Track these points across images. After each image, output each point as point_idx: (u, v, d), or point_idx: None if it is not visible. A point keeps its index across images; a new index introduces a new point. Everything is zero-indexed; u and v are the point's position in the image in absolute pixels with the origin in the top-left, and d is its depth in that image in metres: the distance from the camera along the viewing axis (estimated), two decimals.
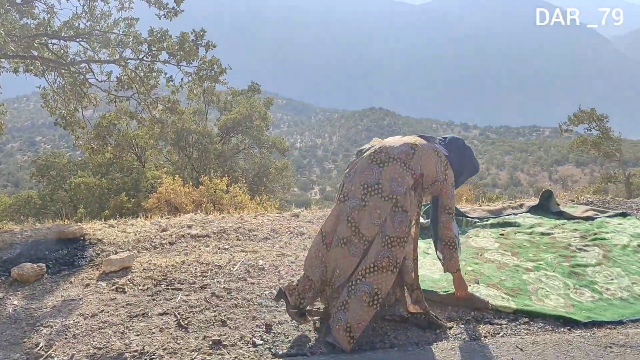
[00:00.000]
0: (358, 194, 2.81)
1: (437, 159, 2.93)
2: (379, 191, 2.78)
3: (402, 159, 2.84)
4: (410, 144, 2.91)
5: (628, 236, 3.98)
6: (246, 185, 13.05)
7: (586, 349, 2.63)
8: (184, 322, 2.92)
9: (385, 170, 2.81)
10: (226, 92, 20.63)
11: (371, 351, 2.65)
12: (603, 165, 34.16)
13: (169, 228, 4.25)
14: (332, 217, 2.91)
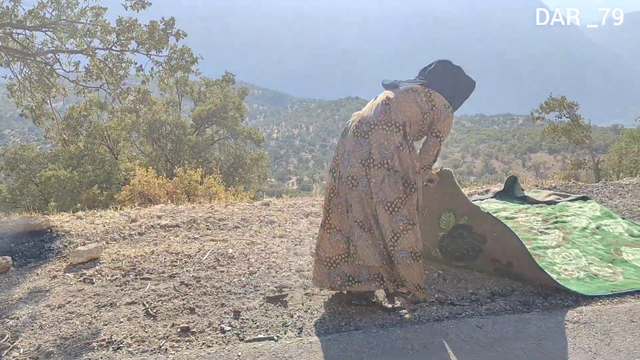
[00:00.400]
0: (361, 172, 2.87)
1: (414, 95, 2.93)
2: (373, 162, 2.85)
3: (382, 120, 2.88)
4: (383, 101, 2.94)
5: (587, 219, 4.12)
6: (221, 176, 12.98)
7: (542, 327, 2.73)
8: (153, 310, 2.94)
9: (371, 140, 2.87)
10: (200, 83, 20.43)
11: (337, 333, 2.70)
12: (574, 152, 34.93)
13: (139, 219, 4.24)
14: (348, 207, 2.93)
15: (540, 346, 2.57)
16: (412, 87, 2.98)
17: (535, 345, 2.58)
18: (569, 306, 2.98)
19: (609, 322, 2.78)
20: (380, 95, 3.03)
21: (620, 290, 3.10)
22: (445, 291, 3.17)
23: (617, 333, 2.67)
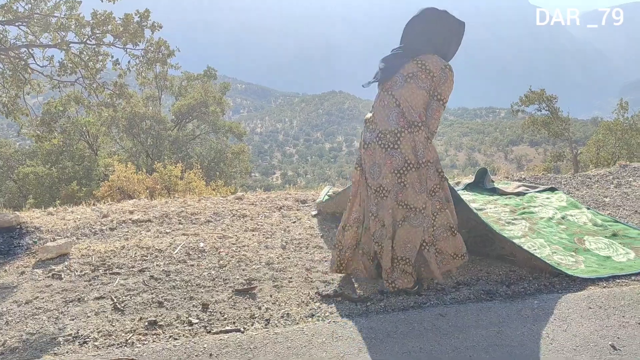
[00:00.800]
0: (394, 180, 2.99)
1: (415, 82, 2.96)
2: (411, 166, 2.98)
3: (403, 125, 2.97)
4: (394, 105, 2.99)
5: (553, 209, 4.21)
6: (201, 171, 12.93)
7: (503, 314, 2.80)
8: (120, 305, 2.95)
9: (402, 148, 2.97)
10: (180, 77, 20.28)
11: (303, 324, 2.74)
12: (555, 145, 35.44)
13: (110, 214, 4.23)
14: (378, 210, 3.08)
15: (500, 333, 2.63)
16: (408, 72, 2.97)
17: (496, 332, 2.64)
18: (531, 294, 3.05)
19: (568, 309, 2.86)
20: (385, 96, 3.03)
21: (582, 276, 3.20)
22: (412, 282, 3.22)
23: (575, 319, 2.75)
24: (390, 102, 2.99)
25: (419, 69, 2.96)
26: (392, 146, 2.96)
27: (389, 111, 2.98)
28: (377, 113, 3.04)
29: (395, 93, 2.98)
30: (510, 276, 3.30)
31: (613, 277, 3.21)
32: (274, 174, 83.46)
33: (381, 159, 3.00)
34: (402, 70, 2.99)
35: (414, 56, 3.00)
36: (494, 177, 5.66)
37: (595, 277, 3.20)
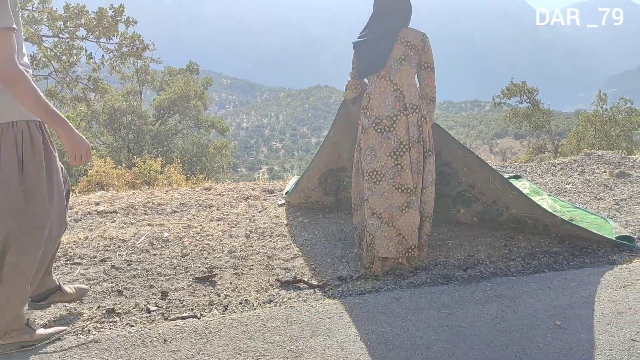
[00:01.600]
0: (390, 163, 3.08)
1: (408, 63, 3.07)
2: (406, 146, 3.07)
3: (399, 108, 3.06)
4: (392, 93, 3.08)
5: None
6: (181, 166, 12.88)
7: (456, 297, 2.86)
8: None
9: (397, 130, 3.08)
10: (162, 72, 20.16)
11: (260, 309, 2.78)
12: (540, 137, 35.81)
13: (76, 206, 4.22)
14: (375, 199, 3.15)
15: (452, 314, 2.69)
16: (400, 55, 3.05)
17: (448, 313, 2.70)
18: (486, 278, 3.12)
19: (519, 290, 2.93)
20: (382, 82, 3.09)
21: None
22: (371, 267, 3.27)
23: (526, 300, 2.82)
24: (387, 88, 3.07)
25: (407, 48, 3.06)
26: (387, 130, 3.07)
27: (386, 97, 3.07)
28: (374, 99, 3.10)
29: (394, 78, 3.06)
30: (468, 261, 3.36)
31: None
32: (261, 168, 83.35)
33: (376, 142, 3.09)
34: (392, 54, 3.05)
35: (395, 36, 3.07)
36: None
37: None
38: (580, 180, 4.93)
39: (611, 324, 2.60)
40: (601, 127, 25.56)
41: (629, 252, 3.41)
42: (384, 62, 3.06)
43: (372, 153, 3.11)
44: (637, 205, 4.30)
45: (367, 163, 3.13)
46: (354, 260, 3.36)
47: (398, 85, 3.06)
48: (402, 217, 3.10)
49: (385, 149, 3.06)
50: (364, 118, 3.16)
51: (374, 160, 3.10)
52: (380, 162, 3.08)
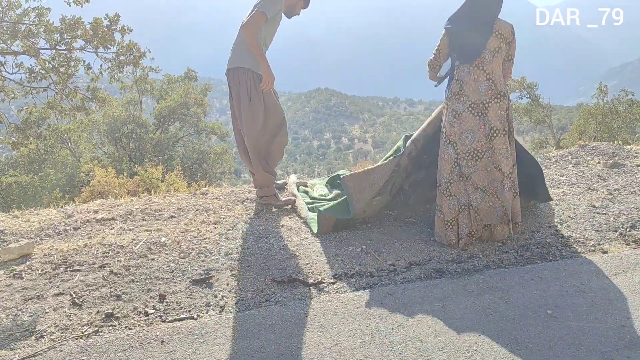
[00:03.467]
0: (487, 146, 3.41)
1: (499, 54, 3.37)
2: (497, 133, 3.38)
3: (492, 96, 3.36)
4: (484, 81, 3.35)
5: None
6: (182, 172, 12.95)
7: (449, 290, 2.90)
8: (79, 300, 3.01)
9: (489, 116, 3.37)
10: (161, 80, 20.24)
11: (255, 309, 2.82)
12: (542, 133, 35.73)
13: (75, 214, 4.27)
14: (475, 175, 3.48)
15: (444, 307, 2.73)
16: (494, 47, 3.33)
17: (440, 307, 2.74)
18: (479, 271, 3.16)
19: (512, 282, 2.96)
20: (476, 71, 3.36)
21: None
22: (366, 264, 3.31)
23: (517, 291, 2.85)
24: (480, 76, 3.34)
25: (500, 41, 3.34)
26: (481, 114, 3.37)
27: (479, 84, 3.35)
28: (468, 86, 3.37)
29: (487, 68, 3.34)
30: (462, 255, 3.40)
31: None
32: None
33: (475, 125, 3.39)
34: (488, 46, 3.32)
35: (491, 28, 3.32)
36: None
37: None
38: (574, 172, 4.96)
39: (602, 311, 2.64)
40: (602, 119, 25.47)
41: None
42: (479, 54, 3.32)
43: (472, 134, 3.40)
44: (630, 195, 4.32)
45: (467, 144, 3.41)
46: (349, 258, 3.39)
47: (490, 75, 3.34)
48: (502, 193, 3.42)
49: (482, 131, 3.38)
50: (457, 103, 3.42)
51: (475, 141, 3.40)
52: (480, 142, 3.39)
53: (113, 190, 12.19)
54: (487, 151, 3.40)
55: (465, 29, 3.35)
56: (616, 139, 21.32)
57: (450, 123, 3.44)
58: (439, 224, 3.54)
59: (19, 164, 18.76)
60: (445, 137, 3.47)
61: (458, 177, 3.45)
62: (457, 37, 3.37)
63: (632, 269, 3.06)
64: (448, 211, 3.47)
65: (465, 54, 3.35)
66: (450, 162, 3.45)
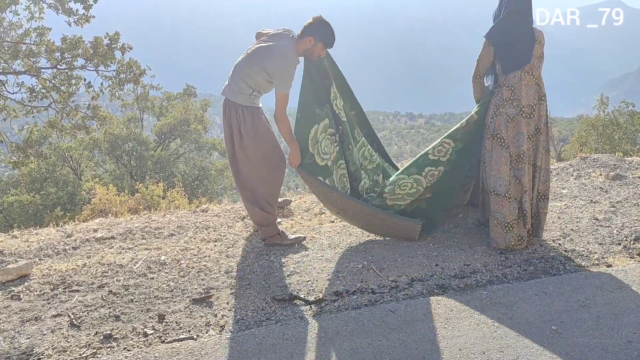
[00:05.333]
0: (529, 145, 3.63)
1: (541, 61, 3.65)
2: (540, 132, 3.66)
3: (536, 98, 3.63)
4: (533, 85, 3.58)
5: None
6: (183, 189, 12.94)
7: (452, 307, 2.86)
8: (77, 321, 2.97)
9: (535, 117, 3.64)
10: (161, 98, 20.31)
11: (256, 328, 2.78)
12: None
13: (74, 234, 4.25)
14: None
15: (447, 324, 2.69)
16: (538, 54, 3.57)
17: (443, 324, 2.70)
18: (482, 286, 3.12)
19: (515, 297, 2.92)
20: (526, 76, 3.56)
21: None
22: (367, 281, 3.27)
23: (521, 307, 2.81)
24: (530, 81, 3.56)
25: (541, 47, 3.59)
26: (529, 116, 3.57)
27: (529, 89, 3.56)
28: (520, 91, 3.55)
29: (535, 73, 3.57)
30: (465, 270, 3.36)
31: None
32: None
33: (524, 127, 3.57)
34: (534, 53, 3.56)
35: (533, 36, 3.55)
36: None
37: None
38: (576, 184, 4.93)
39: (608, 326, 2.60)
40: (603, 131, 25.45)
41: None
42: (529, 60, 3.53)
43: (522, 137, 3.57)
44: (633, 207, 4.29)
45: (518, 146, 3.57)
46: (351, 275, 3.36)
47: (537, 79, 3.58)
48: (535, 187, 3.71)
49: (527, 132, 3.56)
50: (510, 108, 3.57)
51: (523, 143, 3.56)
52: (526, 144, 3.57)
53: (114, 208, 12.18)
54: (528, 151, 3.59)
55: (512, 40, 3.54)
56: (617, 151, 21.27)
57: (505, 127, 3.59)
58: (497, 229, 3.62)
59: (20, 183, 18.78)
60: (500, 141, 3.60)
61: (514, 179, 3.59)
62: (505, 47, 3.55)
63: (638, 282, 3.02)
64: (509, 214, 3.58)
65: (517, 62, 3.54)
66: (507, 165, 3.58)
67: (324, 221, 4.39)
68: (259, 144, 3.69)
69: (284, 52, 3.55)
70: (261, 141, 3.69)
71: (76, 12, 8.18)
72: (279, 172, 3.82)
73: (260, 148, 3.70)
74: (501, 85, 3.59)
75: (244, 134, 3.65)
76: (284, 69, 3.53)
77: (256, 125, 3.67)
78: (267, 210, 3.80)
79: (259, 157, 3.71)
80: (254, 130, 3.66)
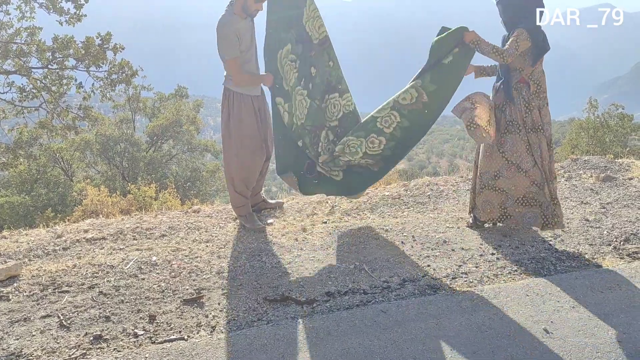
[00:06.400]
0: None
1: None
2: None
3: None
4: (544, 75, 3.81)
5: None
6: (175, 190, 12.89)
7: (443, 307, 2.86)
8: (67, 322, 2.94)
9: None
10: (153, 99, 20.22)
11: (247, 328, 2.77)
12: None
13: (65, 234, 4.22)
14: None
15: (438, 324, 2.69)
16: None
17: (435, 324, 2.70)
18: (473, 286, 3.12)
19: (506, 297, 2.93)
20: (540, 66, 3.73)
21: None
22: (359, 281, 3.27)
23: (512, 307, 2.82)
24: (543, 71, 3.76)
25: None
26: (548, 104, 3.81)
27: (545, 78, 3.75)
28: (542, 83, 3.74)
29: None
30: (456, 271, 3.36)
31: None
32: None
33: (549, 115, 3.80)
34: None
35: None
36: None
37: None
38: (567, 186, 4.96)
39: (598, 326, 2.61)
40: (594, 133, 25.63)
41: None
42: (548, 47, 3.65)
43: (549, 126, 3.78)
44: (623, 208, 4.32)
45: (548, 135, 3.78)
46: (342, 275, 3.36)
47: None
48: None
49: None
50: (538, 100, 3.72)
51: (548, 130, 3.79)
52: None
53: (105, 210, 12.10)
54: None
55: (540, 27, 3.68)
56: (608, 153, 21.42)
57: (541, 118, 3.75)
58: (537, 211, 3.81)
59: (11, 184, 18.63)
60: (543, 132, 3.76)
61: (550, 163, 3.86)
62: (542, 34, 3.65)
63: (627, 282, 3.04)
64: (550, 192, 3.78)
65: (543, 51, 3.63)
66: (547, 151, 3.81)
67: (316, 222, 4.38)
68: (241, 131, 3.93)
69: (218, 22, 3.76)
70: (244, 128, 3.93)
71: (67, 11, 8.14)
72: (258, 157, 4.06)
73: (242, 135, 3.94)
74: (524, 81, 3.70)
75: (231, 119, 3.92)
76: (218, 35, 3.73)
77: (242, 112, 3.90)
78: (239, 192, 4.11)
79: (239, 143, 3.96)
80: (239, 117, 3.90)
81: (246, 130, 3.94)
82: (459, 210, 4.49)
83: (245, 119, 3.92)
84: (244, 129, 3.93)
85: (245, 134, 3.95)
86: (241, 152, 3.99)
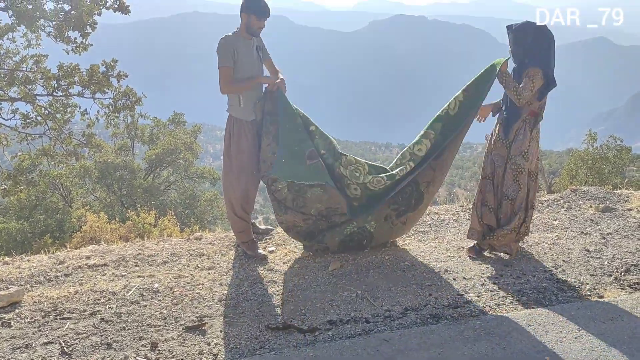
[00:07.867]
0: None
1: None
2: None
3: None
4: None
5: None
6: (174, 217, 12.88)
7: (446, 336, 2.86)
8: (68, 349, 2.93)
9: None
10: (150, 125, 20.25)
11: (249, 356, 2.76)
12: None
13: (67, 260, 4.22)
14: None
15: (442, 354, 2.69)
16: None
17: (438, 353, 2.70)
18: (475, 316, 3.13)
19: (509, 327, 2.93)
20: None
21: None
22: (361, 310, 3.27)
23: (515, 337, 2.82)
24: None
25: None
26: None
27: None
28: (543, 112, 3.89)
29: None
30: (458, 300, 3.37)
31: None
32: (257, 218, 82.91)
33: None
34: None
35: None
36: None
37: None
38: (567, 216, 4.99)
39: (600, 357, 2.61)
40: (593, 164, 25.78)
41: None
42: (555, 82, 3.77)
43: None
44: (623, 239, 4.35)
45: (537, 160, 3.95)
46: (345, 304, 3.36)
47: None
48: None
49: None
50: (536, 129, 3.87)
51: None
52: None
53: (105, 236, 12.07)
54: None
55: (553, 66, 3.77)
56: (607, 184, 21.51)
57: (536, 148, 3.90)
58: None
59: (9, 210, 18.60)
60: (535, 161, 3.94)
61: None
62: (550, 69, 3.73)
63: (629, 313, 3.05)
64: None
65: (554, 85, 3.76)
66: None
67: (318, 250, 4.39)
68: (240, 155, 4.05)
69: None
70: (241, 155, 4.06)
71: (74, 40, 8.30)
72: (253, 181, 4.16)
73: (240, 160, 4.06)
74: (534, 113, 3.81)
75: (232, 144, 4.07)
76: (217, 47, 3.91)
77: (241, 139, 4.05)
78: (240, 216, 4.18)
79: (239, 168, 4.08)
80: (238, 144, 4.05)
81: (245, 157, 4.07)
82: (460, 240, 4.52)
83: (243, 144, 4.06)
84: (241, 155, 4.07)
85: (244, 158, 4.07)
86: (242, 176, 4.09)
